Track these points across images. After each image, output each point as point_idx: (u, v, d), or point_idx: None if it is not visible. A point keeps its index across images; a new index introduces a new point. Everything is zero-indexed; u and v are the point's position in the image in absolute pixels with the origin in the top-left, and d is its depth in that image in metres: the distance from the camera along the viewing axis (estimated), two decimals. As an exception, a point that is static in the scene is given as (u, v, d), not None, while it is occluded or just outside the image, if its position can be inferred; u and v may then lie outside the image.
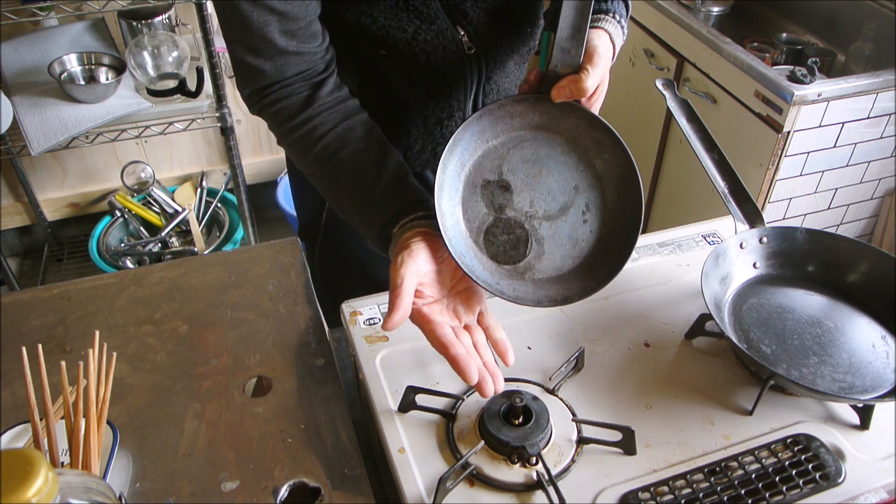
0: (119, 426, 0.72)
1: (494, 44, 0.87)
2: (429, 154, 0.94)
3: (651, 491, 0.66)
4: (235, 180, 2.01)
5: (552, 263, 0.72)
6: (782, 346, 0.78)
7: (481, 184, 0.73)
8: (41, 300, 0.90)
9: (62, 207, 2.29)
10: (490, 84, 0.90)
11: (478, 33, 0.84)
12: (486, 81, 0.89)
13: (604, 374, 0.78)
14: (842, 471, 0.68)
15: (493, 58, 0.88)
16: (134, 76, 1.79)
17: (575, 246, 0.73)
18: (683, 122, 0.89)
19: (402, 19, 0.80)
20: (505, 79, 0.93)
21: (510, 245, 0.72)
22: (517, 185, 0.73)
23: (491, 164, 0.73)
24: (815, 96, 1.49)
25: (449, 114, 0.90)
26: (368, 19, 0.79)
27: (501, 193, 0.73)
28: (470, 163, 0.73)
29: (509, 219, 0.73)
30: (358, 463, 0.71)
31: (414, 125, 0.90)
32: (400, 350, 0.80)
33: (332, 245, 1.08)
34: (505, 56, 0.89)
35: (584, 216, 0.73)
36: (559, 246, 0.73)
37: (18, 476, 0.44)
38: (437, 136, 0.92)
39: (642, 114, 2.00)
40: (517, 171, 0.73)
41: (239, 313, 0.88)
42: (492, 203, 0.73)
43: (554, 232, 0.73)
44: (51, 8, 1.69)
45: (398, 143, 0.92)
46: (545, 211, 0.73)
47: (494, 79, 0.90)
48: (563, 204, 0.73)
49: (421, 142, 0.92)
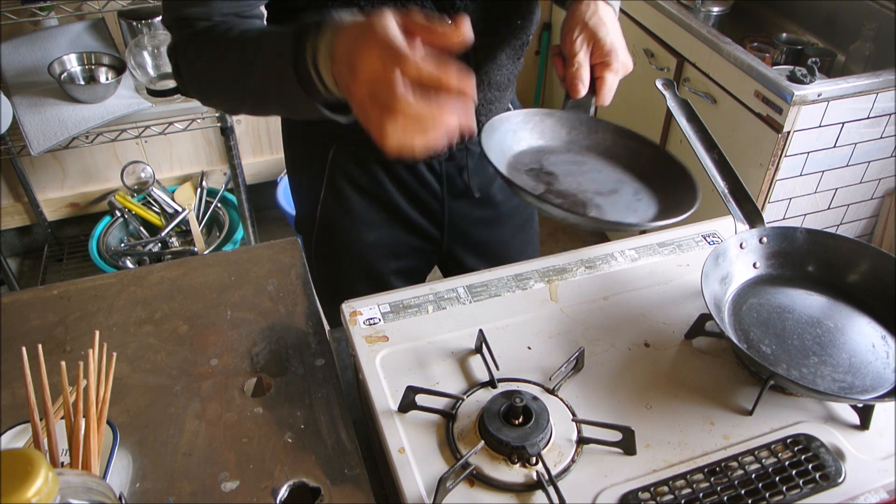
0: (119, 426, 0.72)
1: (483, 34, 0.87)
2: None
3: (651, 491, 0.66)
4: (235, 180, 2.01)
5: (616, 216, 0.71)
6: (782, 346, 0.78)
7: (524, 168, 0.72)
8: (41, 300, 0.90)
9: (62, 207, 2.29)
10: (480, 75, 0.91)
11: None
12: (475, 72, 0.90)
13: (604, 374, 0.78)
14: (842, 471, 0.68)
15: (482, 48, 0.88)
16: (134, 76, 1.79)
17: (634, 211, 0.72)
18: (683, 122, 0.89)
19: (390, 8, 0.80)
20: (497, 71, 0.93)
21: (570, 204, 0.70)
22: (561, 173, 0.73)
23: (529, 159, 0.73)
24: (815, 96, 1.49)
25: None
26: (356, 10, 0.79)
27: (546, 176, 0.72)
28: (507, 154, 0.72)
29: (561, 189, 0.71)
30: (358, 463, 0.71)
31: None
32: (400, 350, 0.80)
33: (328, 237, 1.08)
34: (495, 48, 0.90)
35: (637, 196, 0.74)
36: (618, 210, 0.71)
37: (18, 476, 0.44)
38: None
39: (642, 114, 2.00)
40: (559, 165, 0.74)
41: (239, 313, 0.88)
42: (539, 180, 0.71)
43: (611, 202, 0.72)
44: (51, 8, 1.69)
45: None
46: (595, 189, 0.72)
47: (484, 69, 0.91)
48: (611, 189, 0.73)
49: None
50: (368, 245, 1.06)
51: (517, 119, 0.74)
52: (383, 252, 1.07)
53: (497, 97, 0.97)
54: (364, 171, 0.99)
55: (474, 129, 0.60)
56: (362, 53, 0.57)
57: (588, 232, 2.54)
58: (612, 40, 0.83)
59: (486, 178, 1.05)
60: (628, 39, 0.84)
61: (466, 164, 1.01)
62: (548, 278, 0.89)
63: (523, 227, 1.17)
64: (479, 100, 0.93)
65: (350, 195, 1.02)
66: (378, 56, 0.56)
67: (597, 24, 0.83)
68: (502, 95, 0.98)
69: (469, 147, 1.00)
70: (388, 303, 0.85)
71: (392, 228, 1.05)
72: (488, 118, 0.96)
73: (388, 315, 0.84)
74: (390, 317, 0.83)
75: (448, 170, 1.01)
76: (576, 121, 0.76)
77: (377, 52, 0.56)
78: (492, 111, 0.97)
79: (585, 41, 0.82)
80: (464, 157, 1.01)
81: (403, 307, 0.85)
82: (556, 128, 0.76)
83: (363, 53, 0.57)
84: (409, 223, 1.05)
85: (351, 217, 1.03)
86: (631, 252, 0.94)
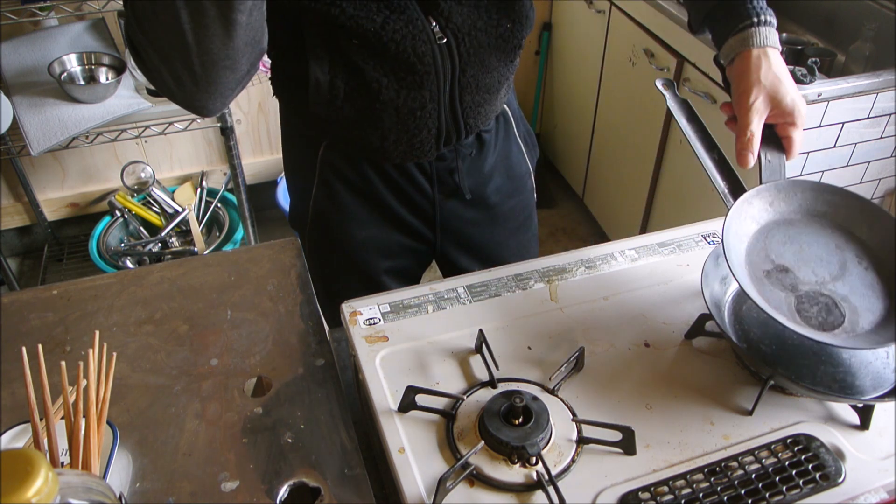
0: (119, 426, 0.72)
1: (468, 36, 0.87)
2: (405, 146, 0.94)
3: (651, 491, 0.66)
4: (235, 180, 2.01)
5: (869, 312, 0.75)
6: (782, 346, 0.78)
7: (764, 275, 0.76)
8: (41, 300, 0.90)
9: (62, 207, 2.29)
10: (466, 77, 0.90)
11: (450, 24, 0.85)
12: (461, 74, 0.89)
13: (604, 374, 0.78)
14: (842, 471, 0.68)
15: (468, 50, 0.87)
16: (134, 76, 1.79)
17: (875, 290, 0.76)
18: (683, 122, 0.89)
19: (371, 9, 0.80)
20: (485, 74, 0.92)
21: (826, 312, 0.74)
22: (792, 263, 0.77)
23: (758, 256, 0.77)
24: (815, 96, 1.49)
25: (421, 104, 0.89)
26: (337, 10, 0.79)
27: (785, 275, 0.77)
28: (744, 264, 0.77)
29: (809, 292, 0.76)
30: (358, 463, 0.71)
31: (387, 114, 0.89)
32: (400, 350, 0.80)
33: (320, 233, 1.08)
34: (481, 50, 0.89)
35: (862, 265, 0.78)
36: (863, 296, 0.76)
37: (18, 476, 0.44)
38: (412, 126, 0.91)
39: (642, 114, 2.00)
40: (783, 255, 0.78)
41: (239, 313, 0.88)
42: (783, 285, 0.76)
43: (850, 287, 0.76)
44: (51, 8, 1.69)
45: (373, 132, 0.92)
46: (830, 274, 0.77)
47: (471, 72, 0.90)
48: (839, 263, 0.78)
49: (396, 132, 0.92)
50: (360, 243, 1.05)
51: (736, 218, 0.78)
52: (375, 251, 1.07)
53: (486, 100, 0.95)
54: (354, 169, 0.99)
55: None
56: None
57: (588, 232, 2.54)
58: (793, 98, 0.79)
59: (480, 178, 1.05)
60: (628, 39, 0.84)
61: (457, 166, 1.01)
62: (548, 278, 0.89)
63: (520, 229, 1.16)
64: (466, 102, 0.92)
65: (340, 192, 1.01)
66: None
67: (775, 85, 0.78)
68: (492, 98, 0.96)
69: (458, 148, 0.99)
70: (388, 303, 0.85)
71: (383, 227, 1.05)
72: (476, 120, 0.96)
73: (388, 315, 0.84)
74: (390, 317, 0.83)
75: (439, 170, 1.00)
76: (775, 190, 0.80)
77: None
78: (480, 114, 0.96)
79: (763, 106, 0.79)
80: (454, 158, 1.00)
81: (403, 307, 0.85)
82: (764, 205, 0.81)
83: None
84: (400, 223, 1.05)
85: (342, 214, 1.03)
86: (631, 252, 0.94)
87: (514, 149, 1.09)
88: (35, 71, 1.74)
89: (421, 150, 0.95)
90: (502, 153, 1.06)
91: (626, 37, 2.01)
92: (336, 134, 0.95)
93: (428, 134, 0.93)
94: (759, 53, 0.79)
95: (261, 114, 2.31)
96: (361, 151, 0.97)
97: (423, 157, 0.97)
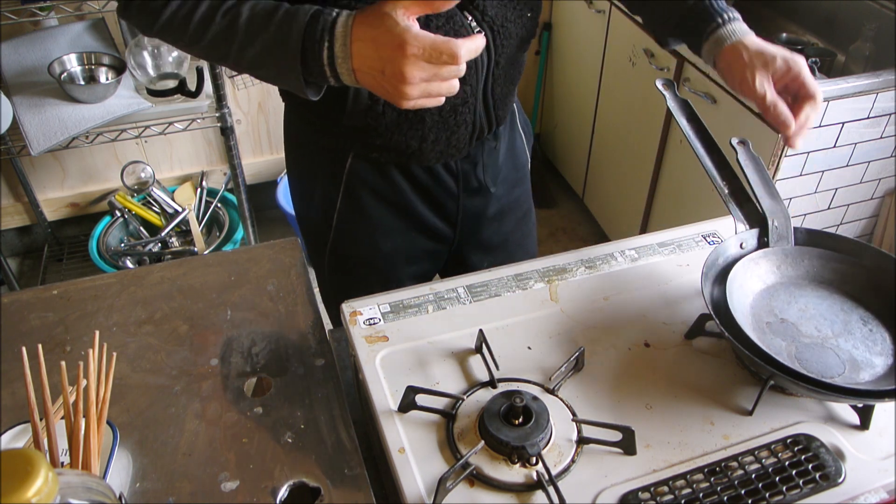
0: (119, 426, 0.72)
1: (501, 28, 0.89)
2: (443, 144, 0.95)
3: (651, 491, 0.66)
4: (235, 180, 2.01)
5: (870, 367, 0.75)
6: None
7: (766, 325, 0.78)
8: (41, 300, 0.90)
9: (62, 207, 2.29)
10: (499, 68, 0.92)
11: (485, 17, 0.87)
12: (495, 66, 0.91)
13: (604, 374, 0.78)
14: (842, 471, 0.68)
15: (500, 43, 0.89)
16: (134, 76, 1.79)
17: (878, 348, 0.77)
18: (683, 122, 0.89)
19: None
20: (511, 65, 0.94)
21: (823, 366, 0.75)
22: (795, 318, 0.79)
23: (762, 310, 0.80)
24: (815, 96, 1.49)
25: (463, 100, 0.91)
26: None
27: (788, 327, 0.78)
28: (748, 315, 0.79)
29: (810, 344, 0.77)
30: (358, 463, 0.71)
31: (429, 114, 0.90)
32: (400, 350, 0.80)
33: (345, 248, 1.07)
34: (510, 42, 0.91)
35: (867, 326, 0.79)
36: (865, 352, 0.77)
37: (18, 476, 0.44)
38: (452, 123, 0.92)
39: (642, 114, 2.00)
40: (787, 311, 0.80)
41: (239, 313, 0.88)
42: (785, 335, 0.78)
43: (853, 345, 0.77)
44: (51, 8, 1.69)
45: (413, 133, 0.92)
46: (833, 331, 0.78)
47: (503, 63, 0.92)
48: (843, 322, 0.79)
49: (436, 131, 0.93)
50: (385, 253, 1.06)
51: (742, 272, 0.80)
52: (399, 259, 1.07)
53: (511, 90, 0.98)
54: (382, 176, 0.99)
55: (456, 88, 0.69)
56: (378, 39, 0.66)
57: (588, 232, 2.54)
58: (782, 54, 0.80)
59: (496, 171, 1.06)
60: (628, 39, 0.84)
61: (481, 160, 1.02)
62: (548, 278, 0.89)
63: (522, 219, 1.17)
64: (497, 94, 0.94)
65: (368, 203, 1.01)
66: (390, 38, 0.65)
67: (761, 55, 0.80)
68: (514, 88, 0.99)
69: (484, 142, 1.01)
70: (388, 303, 0.85)
71: (408, 234, 1.05)
72: (504, 112, 0.98)
73: (388, 315, 0.84)
74: (390, 317, 0.83)
75: (464, 167, 1.01)
76: (782, 254, 0.84)
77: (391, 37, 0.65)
78: (506, 105, 0.98)
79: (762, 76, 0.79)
80: (480, 152, 1.01)
81: (403, 307, 0.85)
82: (771, 267, 0.84)
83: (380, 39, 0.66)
84: (425, 227, 1.05)
85: (368, 226, 1.03)
86: (631, 252, 0.94)
87: (518, 139, 1.11)
88: (35, 71, 1.74)
89: (456, 148, 0.96)
90: (509, 144, 1.08)
91: (626, 37, 2.00)
92: (369, 143, 0.95)
93: (465, 130, 0.94)
94: (735, 44, 0.82)
95: (261, 114, 2.31)
96: (396, 157, 0.96)
97: (457, 155, 0.98)
